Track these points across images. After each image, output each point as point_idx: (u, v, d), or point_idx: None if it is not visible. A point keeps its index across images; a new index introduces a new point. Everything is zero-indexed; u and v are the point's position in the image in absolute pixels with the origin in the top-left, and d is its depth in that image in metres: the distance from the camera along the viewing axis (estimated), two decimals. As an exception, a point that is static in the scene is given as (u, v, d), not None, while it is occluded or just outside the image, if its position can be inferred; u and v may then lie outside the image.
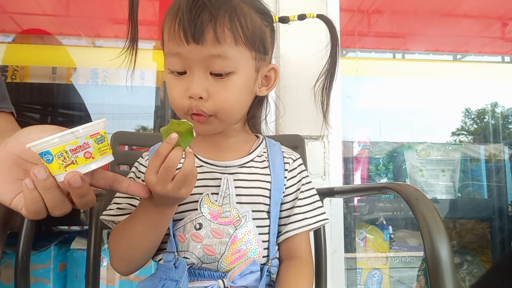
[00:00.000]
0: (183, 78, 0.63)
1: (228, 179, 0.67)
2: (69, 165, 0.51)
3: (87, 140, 0.52)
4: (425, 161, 1.60)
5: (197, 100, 0.61)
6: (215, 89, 0.62)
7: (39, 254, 1.21)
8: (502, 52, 1.89)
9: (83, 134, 0.51)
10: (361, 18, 1.69)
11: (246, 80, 0.65)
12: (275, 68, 0.70)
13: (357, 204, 1.57)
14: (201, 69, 0.61)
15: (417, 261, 1.53)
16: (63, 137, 0.50)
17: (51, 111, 1.63)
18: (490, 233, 1.66)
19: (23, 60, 1.36)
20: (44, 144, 0.50)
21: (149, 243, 0.63)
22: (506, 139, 1.78)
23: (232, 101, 0.63)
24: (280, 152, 0.73)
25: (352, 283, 1.45)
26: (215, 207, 0.65)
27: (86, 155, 0.51)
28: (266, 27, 0.68)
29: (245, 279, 0.63)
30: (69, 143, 0.50)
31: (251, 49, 0.64)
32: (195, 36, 0.59)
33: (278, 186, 0.69)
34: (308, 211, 0.70)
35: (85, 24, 1.55)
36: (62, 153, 0.50)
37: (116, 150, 0.88)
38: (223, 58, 0.61)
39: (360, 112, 1.63)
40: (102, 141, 0.53)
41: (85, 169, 0.51)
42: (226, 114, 0.64)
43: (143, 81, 1.46)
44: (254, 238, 0.65)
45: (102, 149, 0.53)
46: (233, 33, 0.61)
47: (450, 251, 0.52)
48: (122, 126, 1.64)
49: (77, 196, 0.52)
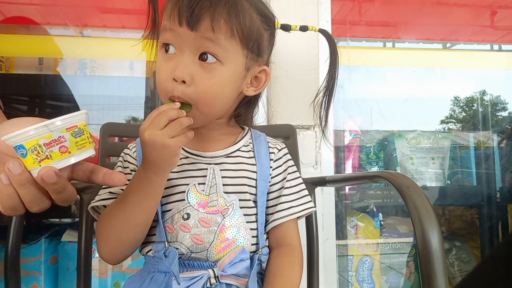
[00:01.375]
0: (172, 59, 0.62)
1: (214, 169, 0.67)
2: (43, 160, 0.48)
3: (63, 134, 0.49)
4: (415, 149, 1.62)
5: (180, 84, 0.61)
6: (199, 76, 0.61)
7: (29, 247, 1.20)
8: (491, 40, 1.90)
9: (59, 127, 0.49)
10: (352, 7, 1.68)
11: (233, 75, 0.64)
12: (267, 70, 0.70)
13: (348, 192, 1.59)
14: (191, 52, 0.61)
15: (407, 247, 1.56)
16: (36, 130, 0.48)
17: (38, 102, 1.61)
18: (479, 220, 1.69)
19: (9, 51, 1.33)
20: (18, 137, 0.48)
21: (139, 218, 0.61)
22: (494, 126, 1.80)
23: (214, 92, 0.62)
24: (265, 143, 0.74)
25: (343, 270, 1.46)
26: (202, 196, 0.65)
27: (62, 150, 0.49)
28: (265, 30, 0.68)
29: (235, 267, 0.63)
30: (43, 136, 0.48)
31: (244, 46, 0.63)
32: (189, 22, 0.59)
33: (263, 176, 0.70)
34: (295, 199, 0.71)
35: (72, 14, 1.52)
36: (35, 147, 0.48)
37: (106, 142, 0.87)
38: (214, 44, 0.61)
39: (351, 101, 1.63)
40: (80, 134, 0.51)
41: (60, 164, 0.49)
42: (207, 105, 0.63)
43: (132, 71, 1.44)
44: (242, 226, 0.66)
45: (80, 143, 0.51)
46: (229, 25, 0.60)
47: (440, 237, 0.53)
48: (111, 117, 1.62)
49: (53, 192, 0.50)
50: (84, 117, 0.52)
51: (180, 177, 0.66)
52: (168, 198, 0.66)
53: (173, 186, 0.66)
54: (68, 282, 1.22)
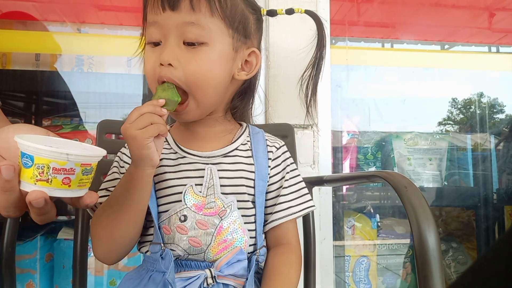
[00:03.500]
0: (158, 48, 0.63)
1: (211, 169, 0.66)
2: (41, 181, 0.46)
3: (76, 167, 0.47)
4: (413, 150, 1.62)
5: (167, 67, 0.61)
6: (185, 58, 0.62)
7: (25, 245, 1.19)
8: (489, 42, 1.91)
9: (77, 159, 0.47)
10: (351, 7, 1.68)
11: (221, 55, 0.64)
12: (256, 52, 0.69)
13: (345, 192, 1.58)
14: (175, 38, 0.62)
15: (404, 248, 1.56)
16: (54, 153, 0.46)
17: (35, 99, 1.60)
18: (476, 221, 1.69)
19: (5, 46, 1.32)
20: (32, 148, 0.45)
21: (127, 214, 0.61)
22: (491, 128, 1.81)
23: (203, 72, 0.62)
24: (263, 140, 0.72)
25: (340, 270, 1.46)
26: (200, 198, 0.64)
27: (65, 181, 0.47)
28: (250, 13, 0.68)
29: (232, 268, 0.63)
30: (57, 161, 0.46)
31: (228, 26, 0.64)
32: (170, 3, 0.60)
33: (262, 176, 0.69)
34: (294, 199, 0.70)
35: (70, 10, 1.51)
36: (43, 166, 0.46)
37: (102, 139, 0.87)
38: (196, 26, 0.61)
39: (349, 101, 1.63)
40: (88, 173, 0.49)
41: (54, 193, 0.47)
42: (199, 88, 0.63)
43: (129, 68, 1.43)
44: (240, 228, 0.65)
45: (84, 181, 0.49)
46: (209, 3, 0.61)
47: (437, 237, 0.53)
48: (108, 115, 1.62)
49: (35, 213, 0.48)
50: (100, 159, 0.51)
51: (177, 177, 0.65)
52: (165, 199, 0.65)
53: (170, 187, 0.65)
54: (63, 279, 1.21)
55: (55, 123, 1.54)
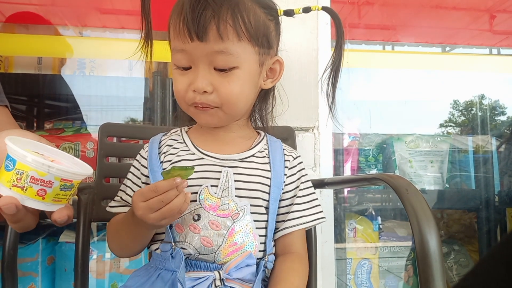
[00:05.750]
0: (188, 73, 0.65)
1: (228, 172, 0.67)
2: (17, 187, 0.46)
3: (54, 181, 0.47)
4: (414, 153, 1.61)
5: (201, 94, 0.64)
6: (219, 83, 0.64)
7: (26, 248, 1.19)
8: (490, 44, 1.91)
9: (57, 173, 0.47)
10: (352, 10, 1.69)
11: (250, 74, 0.66)
12: (280, 60, 0.71)
13: (347, 195, 1.58)
14: (205, 65, 0.63)
15: (406, 250, 1.55)
16: (36, 162, 0.45)
17: (37, 102, 1.60)
18: (477, 223, 1.69)
19: (7, 50, 1.32)
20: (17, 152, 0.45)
21: (135, 247, 0.68)
22: (493, 130, 1.80)
23: (236, 93, 0.65)
24: (281, 150, 0.74)
25: (342, 273, 1.46)
26: (214, 199, 0.65)
27: (40, 192, 0.47)
28: (270, 22, 0.69)
29: (240, 272, 0.63)
30: (37, 170, 0.46)
31: (255, 44, 0.65)
32: (198, 34, 0.61)
33: (277, 183, 0.70)
34: (306, 209, 0.71)
35: (72, 14, 1.52)
36: (22, 172, 0.45)
37: (104, 142, 0.87)
38: (226, 54, 0.62)
39: (350, 104, 1.64)
40: (67, 189, 0.49)
41: (27, 202, 0.47)
42: (231, 106, 0.66)
43: (131, 72, 1.44)
44: (251, 232, 0.66)
45: (60, 197, 0.49)
46: (235, 29, 0.62)
47: (438, 240, 0.53)
48: (110, 118, 1.62)
49: (8, 219, 0.48)
50: (84, 178, 0.51)
51: (194, 177, 0.66)
52: None
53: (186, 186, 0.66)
54: (65, 283, 1.21)
55: (57, 126, 1.54)
